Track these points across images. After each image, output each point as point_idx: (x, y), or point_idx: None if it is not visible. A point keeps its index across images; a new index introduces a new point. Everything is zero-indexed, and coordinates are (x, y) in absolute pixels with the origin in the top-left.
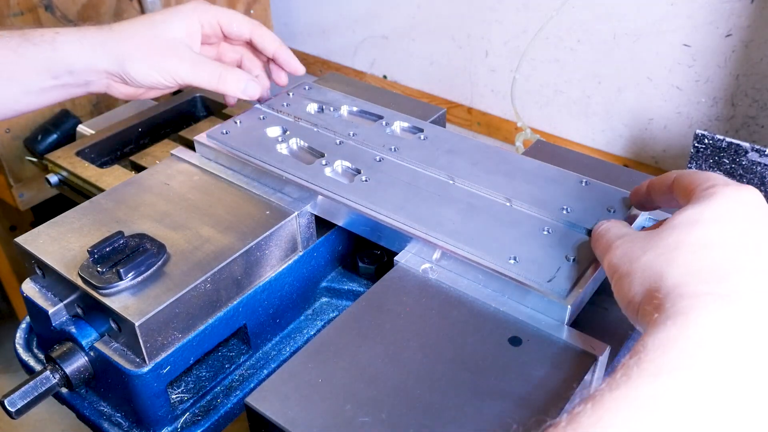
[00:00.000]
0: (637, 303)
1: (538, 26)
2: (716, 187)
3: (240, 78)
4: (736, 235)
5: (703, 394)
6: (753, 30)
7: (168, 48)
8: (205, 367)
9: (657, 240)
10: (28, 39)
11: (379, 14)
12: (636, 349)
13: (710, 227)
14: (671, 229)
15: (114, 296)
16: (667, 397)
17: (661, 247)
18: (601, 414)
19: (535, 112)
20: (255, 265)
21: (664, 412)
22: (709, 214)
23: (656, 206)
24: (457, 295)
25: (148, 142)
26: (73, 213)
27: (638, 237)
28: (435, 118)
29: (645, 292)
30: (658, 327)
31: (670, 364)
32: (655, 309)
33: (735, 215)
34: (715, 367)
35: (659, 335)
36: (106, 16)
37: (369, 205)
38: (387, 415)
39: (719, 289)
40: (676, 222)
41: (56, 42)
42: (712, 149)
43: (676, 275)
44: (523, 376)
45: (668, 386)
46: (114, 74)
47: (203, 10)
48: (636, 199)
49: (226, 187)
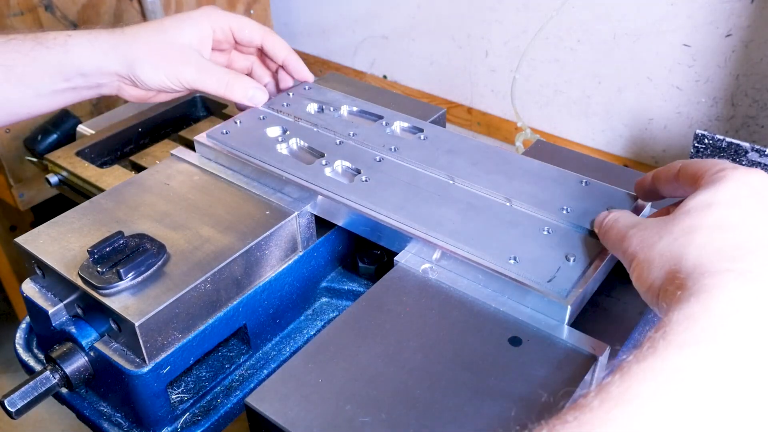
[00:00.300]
0: (657, 287)
1: (538, 26)
2: (725, 171)
3: (247, 86)
4: (750, 217)
5: (727, 365)
6: (753, 30)
7: (177, 53)
8: (205, 367)
9: (672, 225)
10: (41, 42)
11: (379, 14)
12: (661, 323)
13: (724, 209)
14: (685, 213)
15: (114, 296)
16: (693, 368)
17: (677, 231)
18: (630, 384)
19: (535, 112)
20: (255, 265)
21: (690, 382)
22: (721, 196)
23: (662, 196)
24: (457, 295)
25: (148, 142)
26: (73, 213)
27: (652, 224)
28: (435, 118)
29: (665, 275)
30: (681, 303)
31: (696, 337)
32: (678, 288)
33: (746, 197)
34: (738, 340)
35: (684, 311)
36: (106, 16)
37: (369, 205)
38: (387, 415)
39: (738, 267)
40: (689, 206)
41: (68, 45)
42: (712, 149)
43: (696, 256)
44: (523, 376)
45: (694, 357)
46: (124, 77)
47: (215, 16)
48: (641, 190)
49: (226, 187)
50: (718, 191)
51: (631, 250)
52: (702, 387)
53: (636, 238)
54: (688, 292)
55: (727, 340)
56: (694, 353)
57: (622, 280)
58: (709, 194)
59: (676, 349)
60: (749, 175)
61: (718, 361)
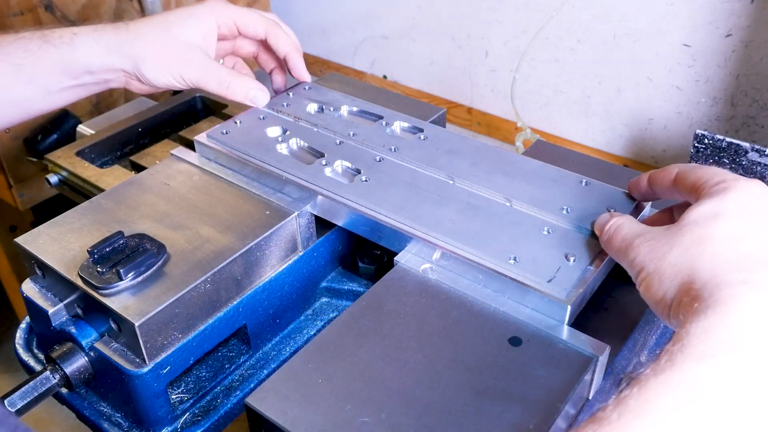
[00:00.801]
0: (670, 299)
1: (538, 26)
2: (727, 182)
3: (248, 86)
4: (757, 227)
5: (746, 377)
6: (753, 30)
7: (180, 52)
8: (205, 367)
9: (680, 236)
10: (47, 41)
11: (379, 14)
12: (678, 336)
13: (732, 220)
14: (693, 224)
15: (114, 296)
16: (711, 380)
17: (686, 243)
18: (648, 396)
19: (535, 112)
20: (255, 265)
21: (709, 394)
22: (727, 207)
23: (657, 198)
24: (457, 295)
25: (148, 142)
26: (73, 213)
27: (659, 234)
28: (435, 118)
29: (678, 286)
30: (698, 315)
31: (713, 348)
32: (694, 300)
33: (752, 208)
34: (756, 351)
35: (701, 323)
36: (106, 16)
37: (369, 205)
38: (387, 415)
39: (753, 278)
40: (695, 217)
41: (74, 44)
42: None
43: (709, 268)
44: (523, 376)
45: (712, 369)
46: (130, 73)
47: (220, 11)
48: (636, 191)
49: (226, 187)
50: (724, 201)
51: (638, 261)
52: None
53: (644, 248)
54: (704, 304)
55: (744, 352)
56: (713, 365)
57: (622, 280)
58: (714, 205)
59: (694, 361)
60: (751, 186)
61: (737, 372)
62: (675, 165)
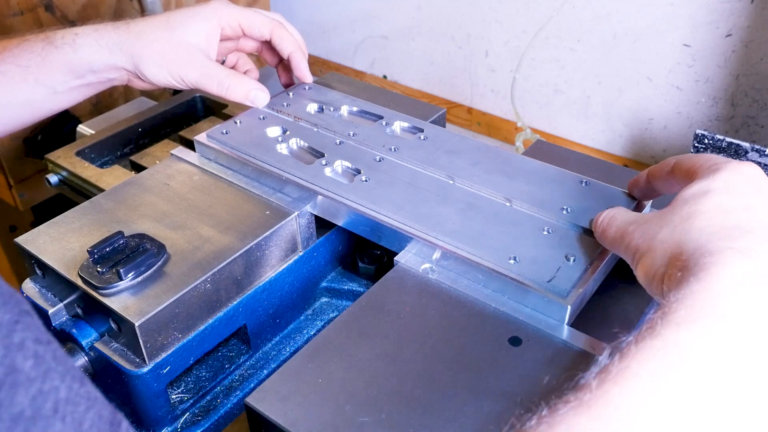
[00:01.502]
0: (661, 275)
1: (538, 26)
2: (720, 164)
3: (248, 87)
4: (746, 201)
5: (726, 342)
6: (753, 30)
7: (181, 53)
8: (205, 367)
9: (671, 215)
10: (51, 42)
11: (379, 14)
12: (661, 305)
13: (721, 195)
14: (682, 202)
15: (114, 296)
16: (692, 346)
17: (676, 219)
18: (628, 363)
19: (535, 112)
20: (255, 265)
21: (689, 360)
22: (717, 184)
23: (657, 194)
24: (457, 295)
25: (148, 142)
26: (73, 213)
27: (650, 217)
28: (435, 118)
29: (668, 261)
30: (681, 284)
31: (694, 314)
32: (679, 270)
33: (741, 184)
34: (737, 315)
35: (683, 291)
36: (106, 16)
37: (369, 205)
38: (387, 415)
39: (738, 245)
40: (686, 196)
41: (76, 44)
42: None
43: (696, 238)
44: (523, 376)
45: (692, 335)
46: (131, 71)
47: (223, 12)
48: (636, 189)
49: (226, 187)
50: (714, 180)
51: (633, 245)
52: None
53: (637, 233)
54: (688, 272)
55: (726, 316)
56: (693, 331)
57: (622, 280)
58: (705, 183)
59: (674, 327)
60: (742, 166)
61: (718, 338)
62: (673, 157)
